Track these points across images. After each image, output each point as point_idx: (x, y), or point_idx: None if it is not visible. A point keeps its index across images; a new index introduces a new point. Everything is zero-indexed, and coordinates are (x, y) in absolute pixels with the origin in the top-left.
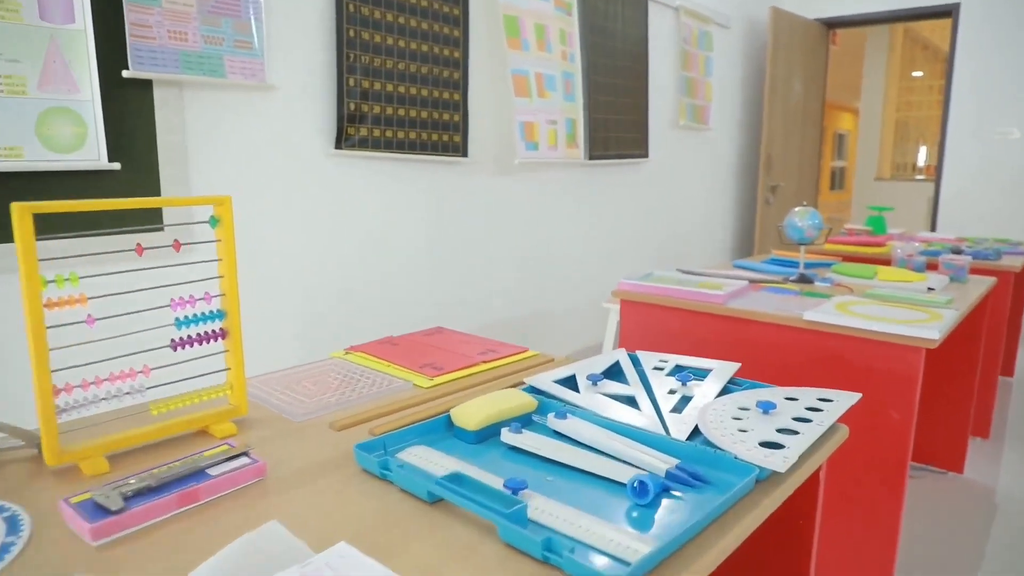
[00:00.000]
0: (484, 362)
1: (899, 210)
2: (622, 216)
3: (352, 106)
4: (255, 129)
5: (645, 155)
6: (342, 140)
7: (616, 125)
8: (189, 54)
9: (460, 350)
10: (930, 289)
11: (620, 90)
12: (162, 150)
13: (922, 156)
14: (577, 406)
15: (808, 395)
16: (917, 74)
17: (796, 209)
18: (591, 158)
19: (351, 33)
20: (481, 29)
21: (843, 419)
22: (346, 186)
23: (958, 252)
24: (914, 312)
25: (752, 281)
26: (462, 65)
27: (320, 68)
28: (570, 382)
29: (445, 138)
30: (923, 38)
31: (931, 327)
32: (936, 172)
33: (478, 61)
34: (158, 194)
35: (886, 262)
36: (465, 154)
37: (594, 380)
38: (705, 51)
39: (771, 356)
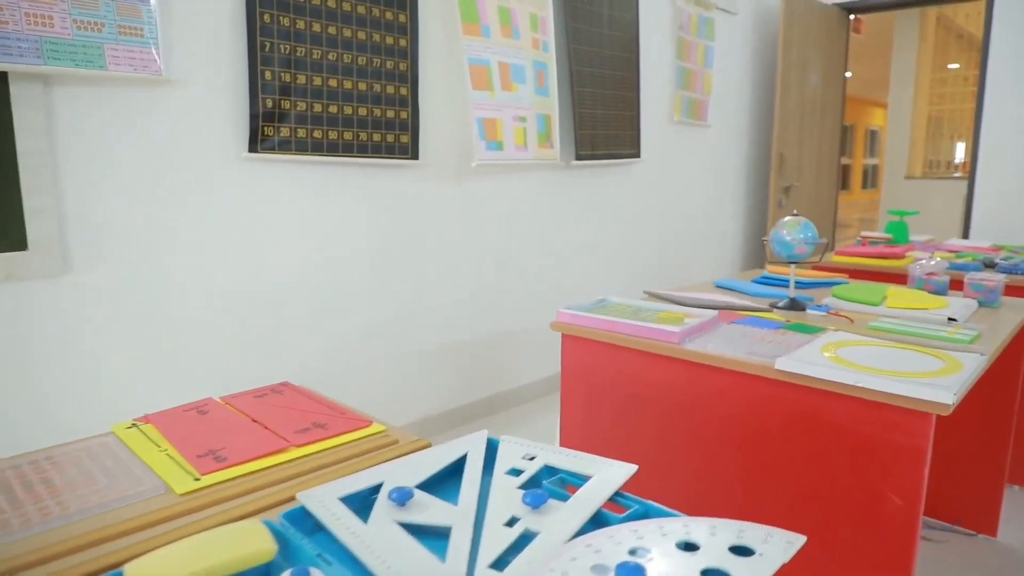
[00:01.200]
0: (297, 446)
1: (932, 211)
2: (611, 224)
3: (269, 103)
4: (149, 131)
5: (637, 155)
6: (258, 142)
7: (604, 121)
8: (56, 42)
9: (278, 423)
10: (951, 320)
11: (608, 82)
12: (22, 157)
13: (960, 152)
14: (348, 549)
15: (725, 532)
16: (953, 66)
17: (785, 219)
18: (578, 158)
19: (266, 18)
20: (434, 13)
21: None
22: (265, 195)
23: (991, 265)
24: (925, 359)
25: (729, 308)
26: (410, 54)
27: (229, 59)
28: (367, 499)
29: (390, 138)
30: (957, 26)
31: (945, 384)
32: (970, 171)
33: (431, 50)
34: (17, 212)
35: (905, 279)
36: (415, 156)
37: (401, 498)
38: (705, 40)
39: (738, 414)
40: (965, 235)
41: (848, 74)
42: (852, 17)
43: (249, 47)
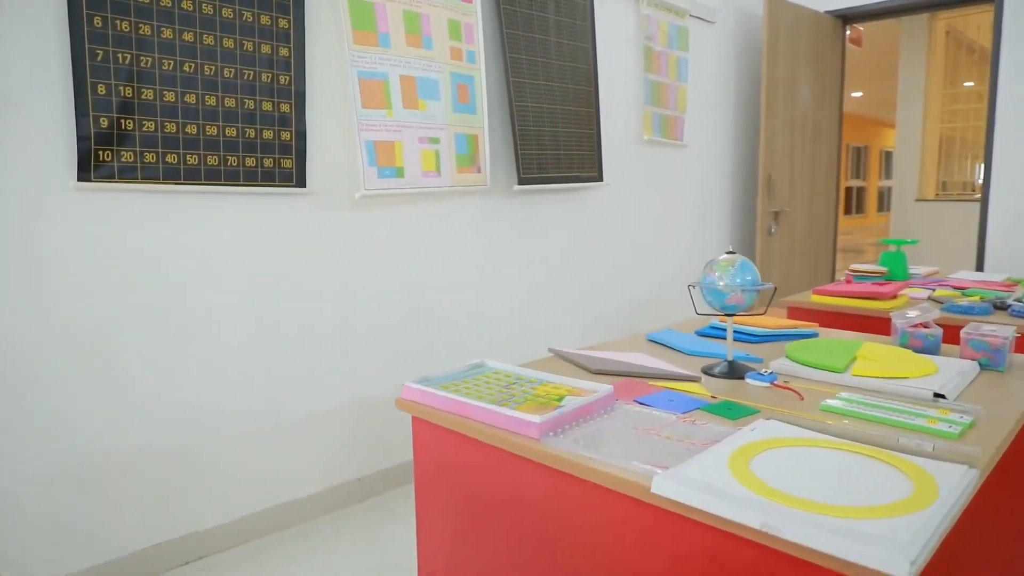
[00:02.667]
0: None
1: (945, 237)
2: (566, 258)
3: (104, 122)
4: None
5: (599, 178)
6: (91, 169)
7: (554, 140)
8: None
9: None
10: (938, 397)
11: (558, 96)
12: None
13: (980, 173)
14: None
15: None
16: (968, 84)
17: (719, 259)
18: (521, 182)
19: (96, 22)
20: (323, 17)
21: None
22: (103, 232)
23: (1002, 307)
24: (884, 475)
25: (643, 376)
26: (294, 66)
27: (50, 71)
28: None
29: (268, 163)
30: (968, 39)
31: (900, 538)
32: (982, 194)
33: (322, 60)
34: None
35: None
36: (301, 184)
37: None
38: (678, 50)
39: (611, 546)
40: (979, 266)
41: (858, 93)
42: (848, 27)
43: (74, 57)
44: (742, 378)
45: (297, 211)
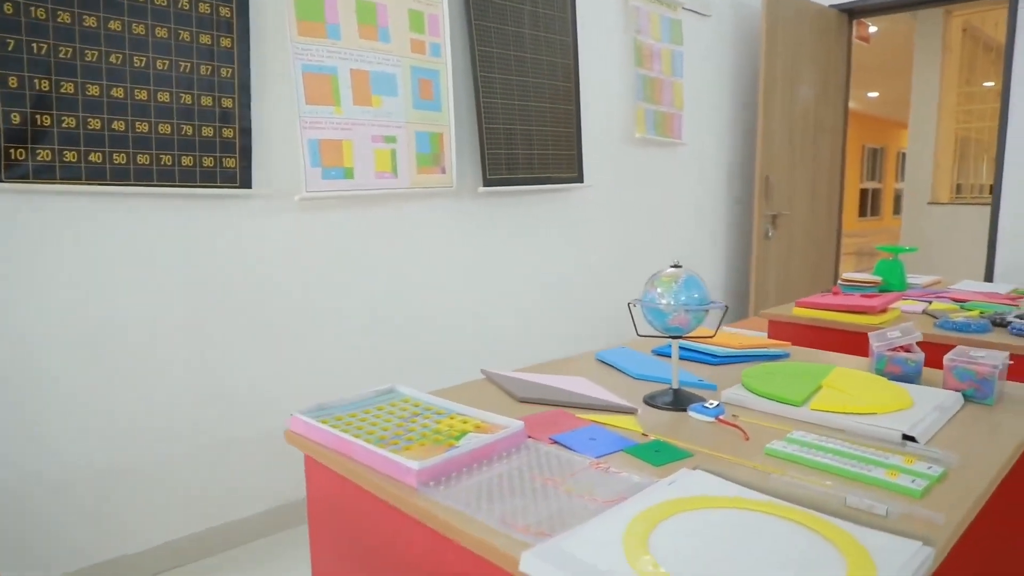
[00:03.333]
0: None
1: (958, 242)
2: (545, 264)
3: (16, 118)
4: None
5: (578, 179)
6: (2, 168)
7: (527, 139)
8: None
9: None
10: (907, 439)
11: (532, 92)
12: None
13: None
14: None
15: None
16: (988, 84)
17: (662, 273)
18: (487, 184)
19: (7, 9)
20: (271, 5)
21: None
22: (19, 237)
23: (1001, 324)
24: (813, 551)
25: (572, 406)
26: (237, 57)
27: None
28: None
29: (208, 162)
30: (986, 36)
31: None
32: (993, 198)
33: (270, 51)
34: None
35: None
36: (246, 184)
37: None
38: (671, 44)
39: None
40: (988, 275)
41: (874, 94)
42: (855, 23)
43: None
44: (683, 409)
45: (241, 214)
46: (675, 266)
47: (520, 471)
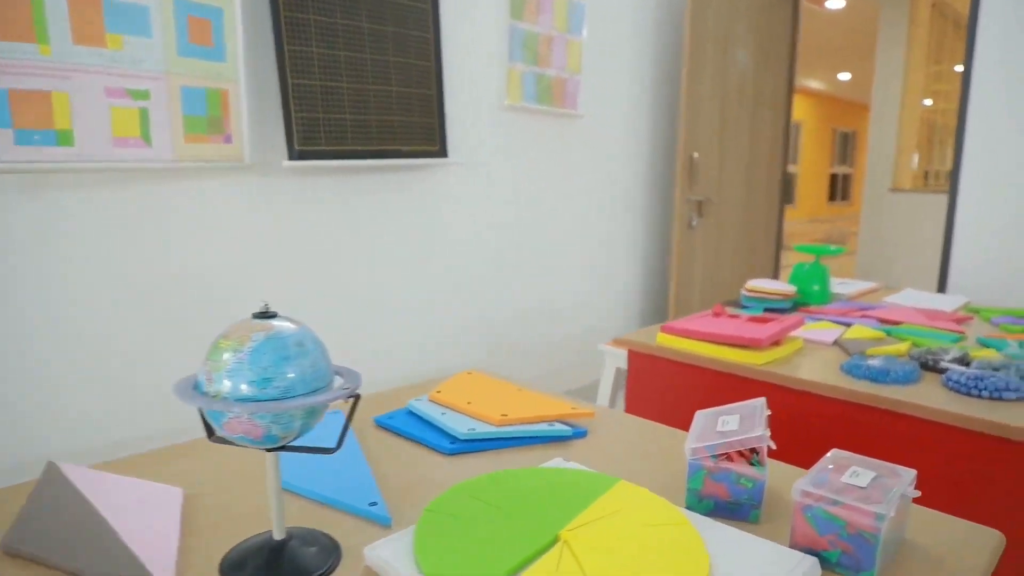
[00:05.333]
0: None
1: (923, 235)
2: (393, 262)
3: None
4: None
5: (439, 152)
6: None
7: (361, 101)
8: None
9: None
10: None
11: (369, 41)
12: None
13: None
14: None
15: None
16: (959, 68)
17: (231, 331)
18: (297, 156)
19: None
20: None
21: None
22: None
23: (934, 368)
24: None
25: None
26: None
27: None
28: None
29: None
30: (955, 12)
31: None
32: (950, 190)
33: None
34: None
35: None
36: None
37: None
38: None
39: None
40: (942, 281)
41: (845, 75)
42: None
43: None
44: None
45: None
46: (263, 314)
47: None
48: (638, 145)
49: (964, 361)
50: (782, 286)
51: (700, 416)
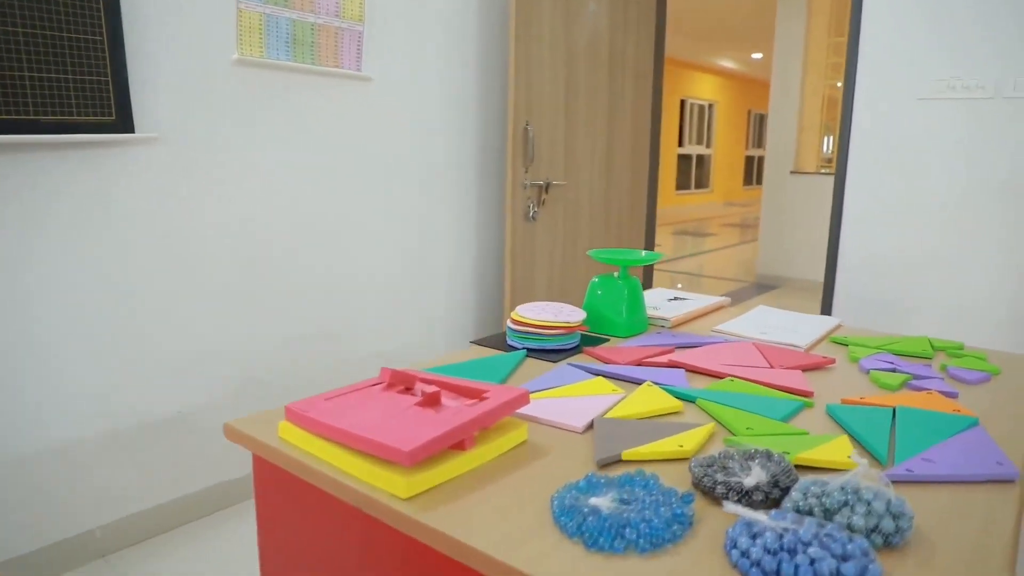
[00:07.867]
0: None
1: (825, 217)
2: (39, 306)
3: None
4: None
5: (119, 127)
6: None
7: None
8: None
9: None
10: None
11: None
12: None
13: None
14: None
15: None
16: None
17: None
18: None
19: None
20: None
21: None
22: None
23: (710, 491)
24: None
25: None
26: None
27: None
28: None
29: None
30: None
31: None
32: (836, 177)
33: None
34: None
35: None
36: None
37: None
38: None
39: None
40: (829, 283)
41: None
42: None
43: None
44: None
45: None
46: None
47: None
48: (468, 119)
49: (777, 486)
50: (567, 316)
51: None
